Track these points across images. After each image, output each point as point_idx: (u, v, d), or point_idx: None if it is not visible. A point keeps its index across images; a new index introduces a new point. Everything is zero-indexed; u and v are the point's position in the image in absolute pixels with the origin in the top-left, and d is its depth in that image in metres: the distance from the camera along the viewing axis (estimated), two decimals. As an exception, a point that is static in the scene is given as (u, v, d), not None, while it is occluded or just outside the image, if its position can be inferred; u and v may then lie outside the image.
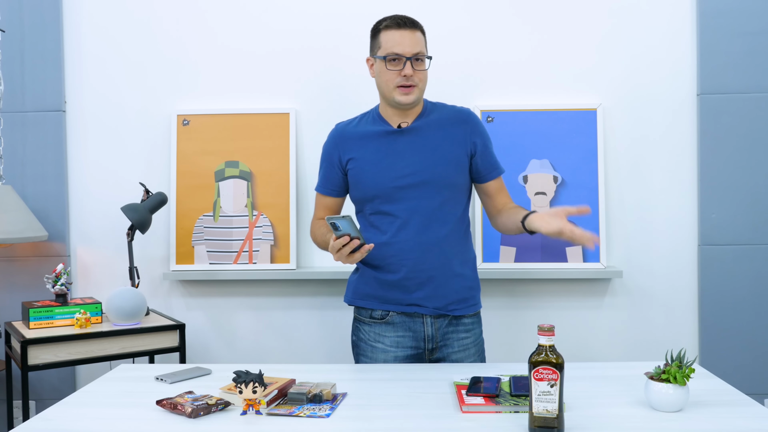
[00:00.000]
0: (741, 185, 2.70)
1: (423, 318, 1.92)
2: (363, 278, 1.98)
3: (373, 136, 1.93)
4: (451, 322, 1.93)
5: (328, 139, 2.01)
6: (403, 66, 1.84)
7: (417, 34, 1.87)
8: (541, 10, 2.76)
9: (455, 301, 1.92)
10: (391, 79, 1.86)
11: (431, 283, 1.89)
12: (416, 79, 1.85)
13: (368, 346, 1.96)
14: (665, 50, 2.74)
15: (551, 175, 2.71)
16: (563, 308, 2.76)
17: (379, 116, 1.96)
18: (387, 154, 1.90)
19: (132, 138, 2.83)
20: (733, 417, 1.41)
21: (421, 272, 1.88)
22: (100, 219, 2.82)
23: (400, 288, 1.90)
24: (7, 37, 2.77)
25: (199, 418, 1.44)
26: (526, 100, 2.75)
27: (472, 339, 1.96)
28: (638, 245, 2.75)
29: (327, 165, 2.00)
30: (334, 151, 1.97)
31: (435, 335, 1.92)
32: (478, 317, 2.00)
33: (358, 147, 1.93)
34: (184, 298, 2.83)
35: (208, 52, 2.81)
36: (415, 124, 1.92)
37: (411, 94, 1.85)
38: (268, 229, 2.75)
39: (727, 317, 2.71)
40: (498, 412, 1.44)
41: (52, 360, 2.25)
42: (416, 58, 1.85)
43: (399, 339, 1.93)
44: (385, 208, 1.90)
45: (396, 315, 1.92)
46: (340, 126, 2.01)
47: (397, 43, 1.84)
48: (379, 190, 1.89)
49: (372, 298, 1.95)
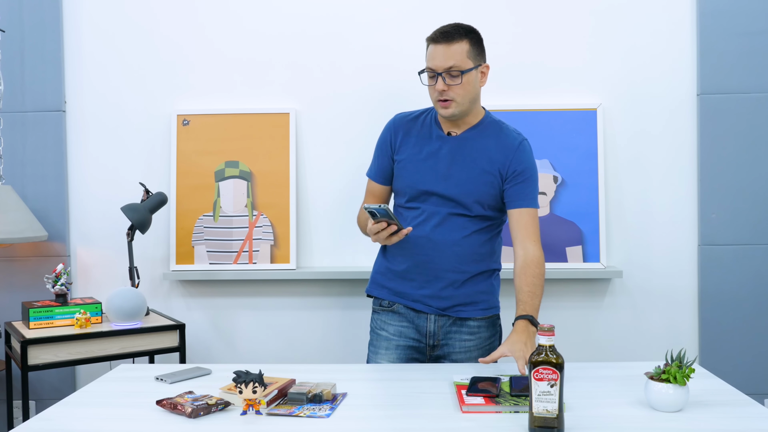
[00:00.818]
0: (741, 185, 2.70)
1: (427, 315, 1.93)
2: (378, 269, 2.03)
3: (425, 137, 1.95)
4: (455, 322, 1.93)
5: (386, 127, 2.03)
6: (436, 81, 1.83)
7: (453, 46, 1.83)
8: (540, 10, 2.75)
9: (461, 304, 1.92)
10: (431, 93, 1.88)
11: (437, 283, 1.90)
12: (451, 93, 1.84)
13: (374, 334, 2.01)
14: (665, 50, 2.74)
15: (551, 175, 2.71)
16: (563, 308, 2.76)
17: (435, 120, 1.97)
18: (430, 157, 1.92)
19: (132, 138, 2.83)
20: (733, 417, 1.41)
21: (426, 270, 1.90)
22: (100, 219, 2.82)
23: (407, 280, 1.93)
24: (7, 37, 2.77)
25: (199, 418, 1.43)
26: (525, 100, 2.75)
27: (475, 342, 1.95)
28: (638, 245, 2.75)
29: (380, 153, 2.02)
30: (388, 140, 1.99)
31: (437, 332, 1.93)
32: (490, 322, 1.98)
33: (409, 144, 1.95)
34: (184, 298, 2.83)
35: (208, 52, 2.81)
36: (465, 135, 1.92)
37: (448, 108, 1.85)
38: (268, 229, 2.75)
39: (727, 317, 2.71)
40: (498, 412, 1.44)
41: (52, 360, 2.25)
42: (450, 75, 1.82)
43: (402, 329, 1.95)
44: (413, 205, 1.94)
45: (402, 306, 1.95)
46: (400, 117, 2.02)
47: (432, 58, 1.85)
48: (411, 189, 1.93)
49: (383, 288, 1.99)
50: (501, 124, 1.96)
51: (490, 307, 1.97)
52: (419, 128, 1.97)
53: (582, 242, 2.69)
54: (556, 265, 2.68)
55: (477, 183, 1.88)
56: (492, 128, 1.94)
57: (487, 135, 1.92)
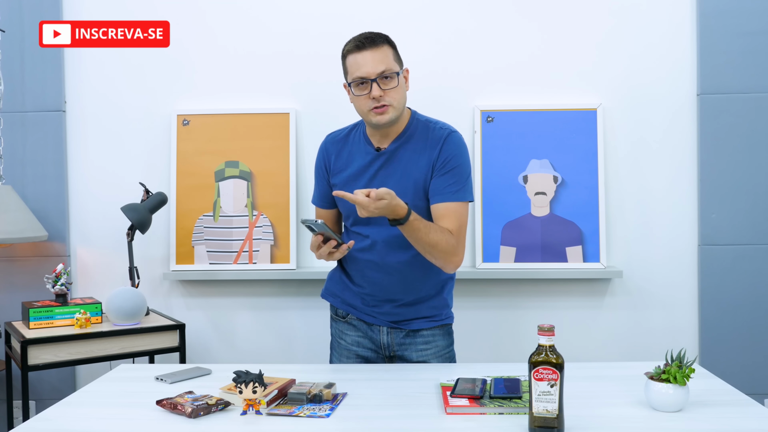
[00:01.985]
0: (741, 185, 2.70)
1: (379, 327, 1.92)
2: (334, 277, 2.01)
3: (355, 156, 1.90)
4: (408, 333, 1.91)
5: (319, 151, 1.99)
6: (370, 89, 1.76)
7: (381, 50, 1.77)
8: (541, 10, 2.75)
9: (413, 319, 1.90)
10: (363, 103, 1.80)
11: (390, 304, 1.89)
12: (388, 98, 1.77)
13: (335, 341, 2.02)
14: (665, 50, 2.74)
15: (551, 175, 2.71)
16: (563, 308, 2.76)
17: (364, 135, 1.91)
18: (362, 177, 1.87)
19: (132, 138, 2.83)
20: (733, 417, 1.41)
21: (382, 292, 1.88)
22: (100, 219, 2.82)
23: (359, 297, 1.93)
24: (7, 37, 2.77)
25: (199, 418, 1.43)
26: (526, 100, 2.75)
27: (433, 351, 1.92)
28: (638, 245, 2.75)
29: (319, 178, 1.99)
30: (323, 164, 1.96)
31: (391, 344, 1.92)
32: (442, 330, 1.95)
33: (341, 165, 1.91)
34: (184, 298, 2.83)
35: (208, 52, 2.81)
36: (391, 147, 1.86)
37: (385, 114, 1.78)
38: (268, 229, 2.75)
39: (727, 317, 2.71)
40: (482, 413, 1.44)
41: (52, 360, 2.25)
42: (383, 77, 1.76)
43: (359, 339, 1.96)
44: (356, 229, 1.89)
45: (354, 318, 1.96)
46: (330, 138, 1.98)
47: (360, 66, 1.77)
48: (351, 212, 1.85)
49: (337, 297, 1.99)
50: (428, 122, 1.88)
51: (442, 319, 1.94)
52: (350, 147, 1.91)
53: (582, 242, 2.69)
54: (556, 265, 2.68)
55: (412, 197, 1.81)
56: (419, 130, 1.86)
57: (415, 140, 1.85)
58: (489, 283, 2.75)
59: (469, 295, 2.74)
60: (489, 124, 2.72)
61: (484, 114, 2.73)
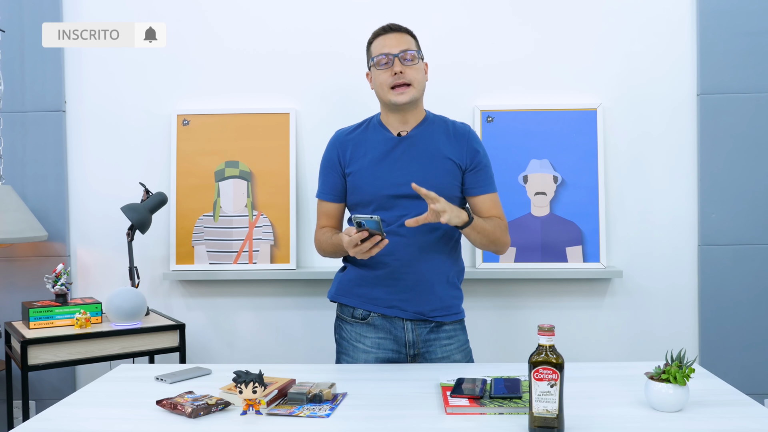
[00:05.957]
0: (741, 185, 2.70)
1: (403, 322, 1.89)
2: (348, 275, 1.96)
3: (373, 143, 1.92)
4: (432, 329, 1.91)
5: (328, 145, 2.00)
6: (392, 64, 1.85)
7: (404, 36, 1.90)
8: (540, 10, 2.76)
9: (438, 308, 1.90)
10: (384, 80, 1.86)
11: (416, 288, 1.87)
12: (408, 76, 1.84)
13: (350, 345, 1.94)
14: (665, 50, 2.74)
15: (551, 175, 2.71)
16: (563, 308, 2.76)
17: (380, 123, 1.95)
18: (385, 161, 1.89)
19: (132, 138, 2.83)
20: (733, 417, 1.41)
21: (407, 273, 1.87)
22: (100, 219, 2.82)
23: (383, 286, 1.88)
24: (7, 37, 2.77)
25: (199, 418, 1.43)
26: (526, 100, 2.75)
27: (456, 345, 1.93)
28: (638, 245, 2.75)
29: (327, 169, 1.99)
30: (334, 155, 1.96)
31: (416, 341, 1.90)
32: (461, 325, 1.98)
33: (359, 154, 1.92)
34: (184, 298, 2.83)
35: (208, 52, 2.81)
36: (414, 132, 1.91)
37: (406, 93, 1.84)
38: (268, 229, 2.75)
39: (727, 317, 2.71)
40: (482, 413, 1.44)
41: (52, 360, 2.25)
42: (405, 58, 1.85)
43: (380, 341, 1.91)
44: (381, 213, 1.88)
45: (377, 317, 1.90)
46: (340, 132, 2.01)
47: (383, 46, 1.88)
48: (374, 197, 1.88)
49: (354, 296, 1.93)
50: (445, 118, 1.98)
51: (460, 312, 1.96)
52: (366, 136, 1.94)
53: (582, 242, 2.69)
54: (556, 265, 2.68)
55: (438, 176, 1.87)
56: (438, 122, 1.95)
57: (435, 129, 1.93)
58: (489, 283, 2.75)
59: (469, 295, 2.71)
60: (489, 124, 2.72)
61: (484, 114, 2.73)
